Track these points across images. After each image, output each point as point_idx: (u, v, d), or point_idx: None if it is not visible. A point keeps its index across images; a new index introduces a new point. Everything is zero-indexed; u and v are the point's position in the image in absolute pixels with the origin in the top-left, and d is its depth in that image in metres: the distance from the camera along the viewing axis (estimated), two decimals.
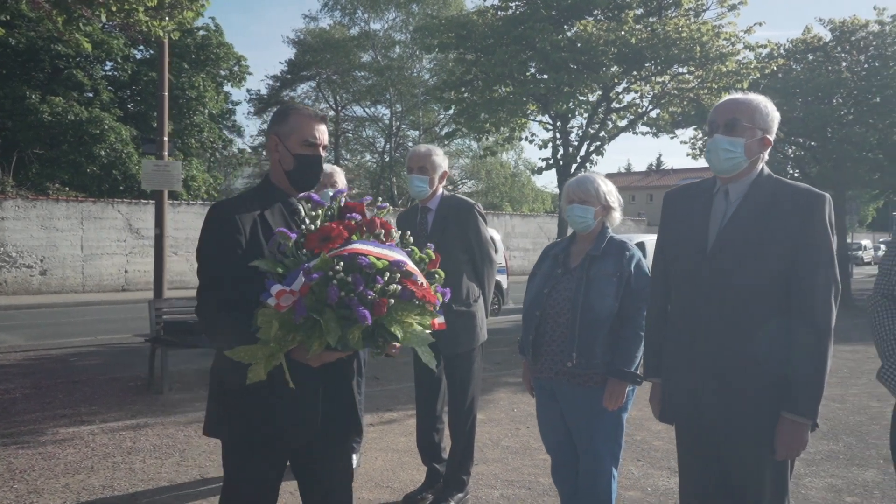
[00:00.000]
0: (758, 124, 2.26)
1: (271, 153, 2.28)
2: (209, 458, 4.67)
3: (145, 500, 3.95)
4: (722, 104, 2.35)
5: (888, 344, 1.82)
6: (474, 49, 10.70)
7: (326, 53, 35.58)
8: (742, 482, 2.31)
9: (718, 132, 2.27)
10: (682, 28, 9.23)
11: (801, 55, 15.69)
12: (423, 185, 3.82)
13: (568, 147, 10.99)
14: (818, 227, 2.16)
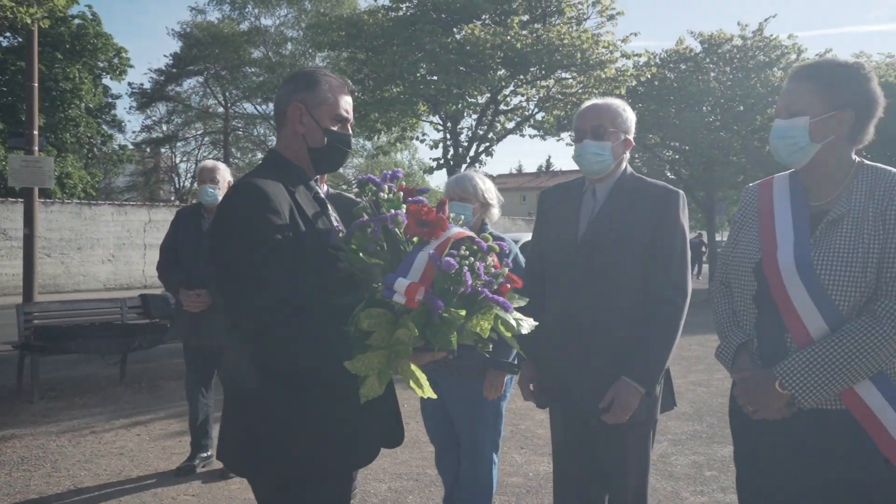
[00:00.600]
0: (620, 127, 2.43)
1: (292, 125, 1.87)
2: (83, 468, 4.47)
3: None
4: (586, 111, 2.49)
5: (722, 325, 2.03)
6: (365, 48, 10.72)
7: (215, 48, 34.32)
8: (608, 459, 2.49)
9: (587, 138, 2.42)
10: (564, 35, 9.66)
11: (674, 64, 16.75)
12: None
13: (458, 147, 11.23)
14: (673, 220, 2.39)
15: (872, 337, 1.65)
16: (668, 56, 16.87)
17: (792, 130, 1.84)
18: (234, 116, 38.27)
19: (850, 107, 1.80)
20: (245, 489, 4.08)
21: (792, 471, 1.82)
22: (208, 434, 4.50)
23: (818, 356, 1.68)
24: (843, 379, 1.68)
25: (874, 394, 1.71)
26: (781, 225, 1.85)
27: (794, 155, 1.85)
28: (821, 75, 1.83)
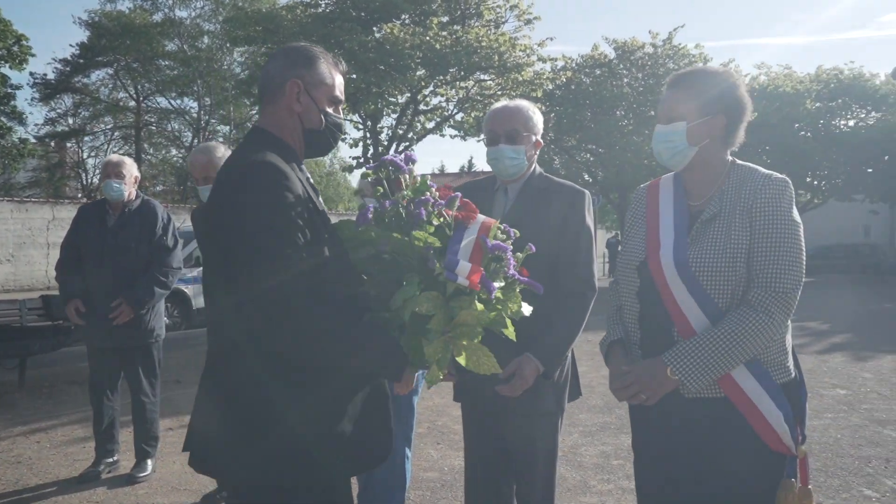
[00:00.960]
0: (532, 130, 2.51)
1: (288, 102, 1.73)
2: None
3: None
4: (499, 114, 2.53)
5: (608, 321, 2.15)
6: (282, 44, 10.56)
7: (126, 39, 32.93)
8: (517, 448, 2.57)
9: (502, 142, 2.47)
10: (482, 37, 9.83)
11: (589, 70, 17.29)
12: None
13: (378, 146, 11.22)
14: (579, 217, 2.49)
15: (749, 324, 1.77)
16: (584, 61, 17.41)
17: (671, 135, 1.94)
18: (147, 111, 36.85)
19: (722, 112, 1.92)
20: (153, 493, 3.98)
21: (680, 458, 1.93)
22: (114, 439, 4.35)
23: (702, 344, 1.79)
24: (724, 363, 1.79)
25: (750, 380, 1.83)
26: (664, 225, 1.96)
27: (674, 158, 1.96)
28: (695, 83, 1.95)
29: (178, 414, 5.74)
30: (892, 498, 3.94)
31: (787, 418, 1.84)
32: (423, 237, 1.55)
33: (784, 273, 1.80)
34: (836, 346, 9.62)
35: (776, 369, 1.88)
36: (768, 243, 1.82)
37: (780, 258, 1.81)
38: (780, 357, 1.89)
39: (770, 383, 1.85)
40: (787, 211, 1.84)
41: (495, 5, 10.95)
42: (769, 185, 1.86)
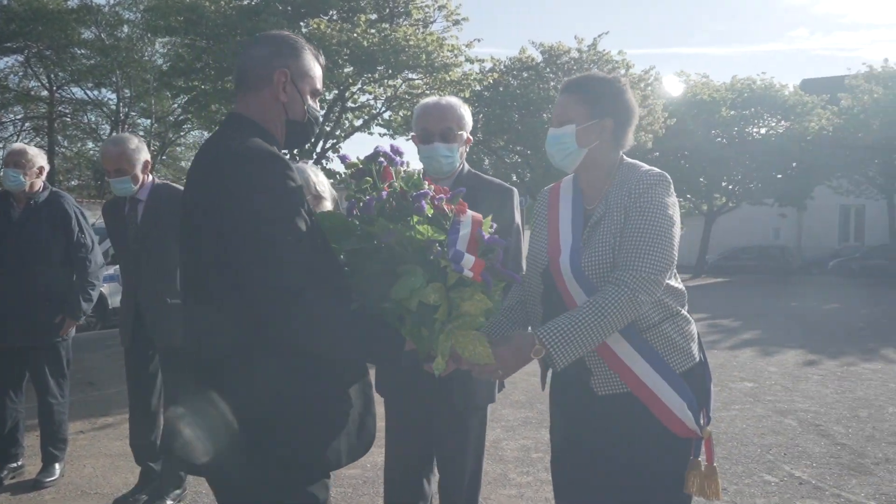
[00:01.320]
0: (464, 128, 2.54)
1: (274, 91, 1.70)
2: None
3: None
4: (432, 112, 2.53)
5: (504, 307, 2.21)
6: (206, 36, 10.27)
7: (38, 24, 31.27)
8: (449, 443, 2.57)
9: (436, 140, 2.48)
10: (410, 36, 9.85)
11: (517, 72, 17.59)
12: (127, 184, 3.65)
13: None
14: (508, 214, 2.52)
15: (610, 300, 1.81)
16: (512, 63, 17.70)
17: (563, 137, 2.02)
18: (61, 101, 35.11)
19: (610, 115, 2.01)
20: (61, 499, 3.82)
21: (593, 452, 2.01)
22: (18, 442, 4.15)
23: (571, 318, 1.81)
24: (587, 336, 1.80)
25: (651, 374, 1.91)
26: (563, 230, 2.04)
27: (566, 159, 2.04)
28: (584, 88, 2.04)
29: (90, 416, 5.53)
30: (789, 482, 4.19)
31: (690, 406, 1.92)
32: (428, 231, 1.57)
33: (646, 255, 1.85)
34: (745, 342, 10.12)
35: (678, 357, 1.95)
36: (635, 230, 1.89)
37: (643, 242, 1.86)
38: (683, 344, 1.97)
39: (670, 374, 1.93)
40: (658, 201, 1.90)
41: (423, 5, 11.00)
42: (644, 179, 1.94)
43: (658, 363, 1.93)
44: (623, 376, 1.93)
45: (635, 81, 17.91)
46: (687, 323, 2.01)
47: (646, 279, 1.83)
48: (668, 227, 1.89)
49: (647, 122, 18.08)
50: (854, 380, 7.19)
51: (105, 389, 6.54)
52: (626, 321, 1.84)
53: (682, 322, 1.99)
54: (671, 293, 1.99)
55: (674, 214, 1.93)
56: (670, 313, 1.98)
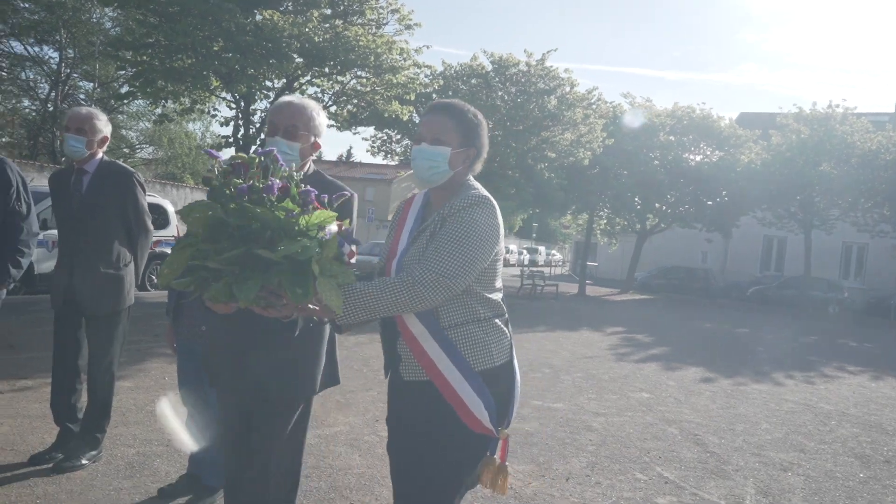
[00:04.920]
0: (312, 131, 2.57)
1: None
2: None
3: None
4: (282, 109, 2.55)
5: None
6: (158, 13, 10.29)
7: None
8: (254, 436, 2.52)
9: (279, 135, 2.50)
10: (360, 36, 10.10)
11: (467, 78, 18.00)
12: (80, 146, 3.84)
13: (249, 127, 11.20)
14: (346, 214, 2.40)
15: (393, 283, 1.97)
16: (462, 69, 18.09)
17: (436, 156, 2.18)
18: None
19: (475, 146, 2.24)
20: None
21: (399, 431, 2.22)
22: None
23: (360, 285, 1.95)
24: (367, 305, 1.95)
25: (451, 369, 2.08)
26: (403, 237, 2.24)
27: (434, 176, 2.20)
28: (460, 118, 2.24)
29: (9, 378, 5.64)
30: (656, 480, 4.70)
31: (487, 405, 2.07)
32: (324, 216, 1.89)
33: (441, 258, 1.99)
34: (652, 357, 10.79)
35: (477, 356, 2.10)
36: (441, 236, 2.05)
37: (443, 247, 2.01)
38: (484, 346, 2.11)
39: (468, 371, 2.08)
40: (471, 217, 2.06)
41: (378, 6, 11.25)
42: (467, 197, 2.10)
43: (457, 358, 2.08)
44: (424, 365, 2.10)
45: (578, 100, 18.53)
46: (495, 330, 2.16)
47: (432, 278, 1.97)
48: (470, 240, 2.02)
49: (587, 139, 18.77)
50: (740, 398, 7.86)
51: (25, 353, 6.61)
52: (403, 307, 1.98)
53: (489, 328, 2.14)
54: (483, 302, 2.15)
55: (483, 232, 2.06)
56: (477, 318, 2.13)
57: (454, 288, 2.01)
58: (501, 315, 2.21)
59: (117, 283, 3.97)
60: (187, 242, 1.87)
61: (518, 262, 47.03)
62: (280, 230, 1.84)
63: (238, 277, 1.81)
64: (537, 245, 53.95)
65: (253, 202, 1.86)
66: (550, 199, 21.45)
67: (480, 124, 2.27)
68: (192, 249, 1.85)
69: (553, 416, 6.22)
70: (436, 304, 2.03)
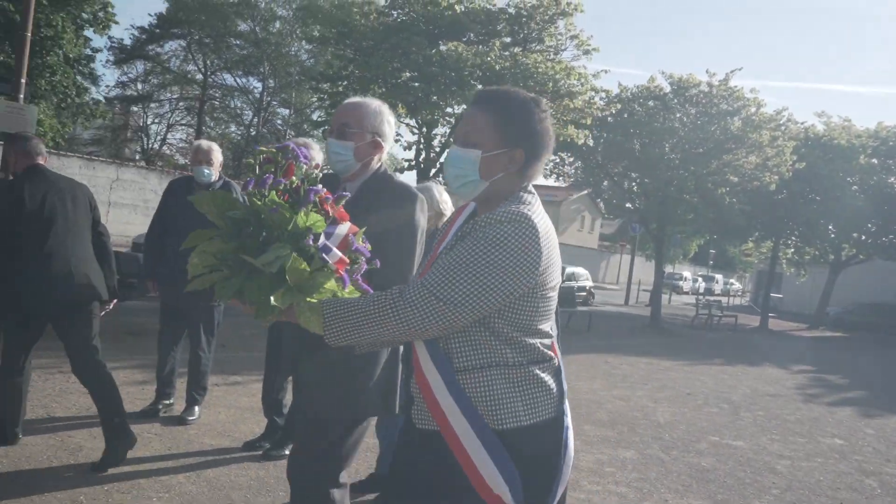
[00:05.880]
0: (367, 128, 2.38)
1: None
2: (55, 401, 4.93)
3: None
4: (340, 108, 2.46)
5: None
6: (354, 47, 11.23)
7: (202, 14, 34.22)
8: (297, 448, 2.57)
9: (332, 136, 2.38)
10: (539, 63, 10.32)
11: (644, 100, 17.62)
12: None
13: (430, 151, 11.81)
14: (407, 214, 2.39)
15: (379, 297, 1.67)
16: (639, 91, 17.74)
17: (463, 161, 1.77)
18: (213, 86, 38.19)
19: (522, 145, 1.75)
20: (201, 435, 4.59)
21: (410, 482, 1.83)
22: (172, 384, 4.99)
23: (344, 301, 1.68)
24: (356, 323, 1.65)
25: (461, 422, 1.69)
26: (441, 250, 1.85)
27: (463, 188, 1.80)
28: (501, 109, 1.77)
29: (224, 373, 6.39)
30: None
31: (506, 475, 1.66)
32: (311, 220, 1.70)
33: (445, 278, 1.63)
34: (846, 401, 9.86)
35: (494, 411, 1.69)
36: (452, 255, 1.67)
37: (451, 266, 1.64)
38: (506, 400, 1.70)
39: (482, 427, 1.67)
40: (495, 234, 1.64)
41: (556, 33, 11.44)
42: (498, 212, 1.68)
43: (469, 411, 1.68)
44: (434, 413, 1.72)
45: (765, 121, 17.45)
46: (528, 381, 1.72)
47: (420, 298, 1.62)
48: (487, 264, 1.62)
49: (774, 162, 17.59)
50: None
51: (236, 353, 7.45)
52: (389, 328, 1.64)
53: (518, 378, 1.71)
54: (514, 345, 1.72)
55: (508, 256, 1.63)
56: (501, 363, 1.71)
57: (452, 317, 1.62)
58: (543, 362, 1.76)
59: None
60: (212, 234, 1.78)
61: (692, 290, 44.71)
62: (273, 230, 1.69)
63: (223, 276, 1.72)
64: (714, 273, 51.01)
65: (250, 196, 1.75)
66: (731, 225, 20.28)
67: (532, 116, 1.77)
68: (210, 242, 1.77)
69: (732, 454, 5.93)
70: (428, 331, 1.64)
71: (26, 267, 3.74)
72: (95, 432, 4.23)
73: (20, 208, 3.74)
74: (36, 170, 3.94)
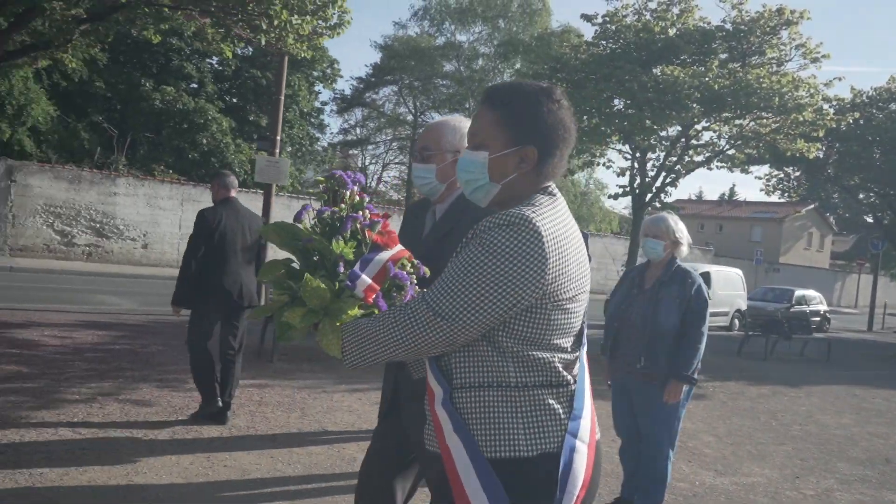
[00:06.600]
0: (446, 147, 2.26)
1: None
2: (326, 416, 5.65)
3: (281, 441, 4.91)
4: (422, 132, 2.38)
5: None
6: (565, 80, 11.52)
7: (411, 60, 36.81)
8: None
9: (416, 161, 2.30)
10: (763, 78, 9.83)
11: (883, 104, 15.85)
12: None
13: (644, 177, 11.69)
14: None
15: (392, 314, 1.58)
16: (877, 94, 16.00)
17: (472, 165, 1.66)
18: (422, 125, 40.72)
19: (533, 142, 1.62)
20: None
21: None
22: None
23: (366, 321, 1.62)
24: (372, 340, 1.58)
25: (457, 446, 1.56)
26: None
27: (475, 192, 1.69)
28: (506, 105, 1.64)
29: None
30: None
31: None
32: (340, 247, 1.68)
33: (442, 292, 1.53)
34: None
35: (488, 437, 1.54)
36: (451, 264, 1.57)
37: (448, 277, 1.54)
38: (504, 426, 1.54)
39: (476, 454, 1.52)
40: (491, 241, 1.51)
41: (780, 43, 10.81)
42: (498, 215, 1.55)
43: (463, 434, 1.55)
44: (437, 435, 1.61)
45: None
46: (532, 405, 1.55)
47: (424, 313, 1.53)
48: (480, 273, 1.50)
49: None
50: None
51: None
52: (400, 344, 1.56)
53: (519, 401, 1.55)
54: (522, 363, 1.56)
55: (504, 265, 1.49)
56: (502, 384, 1.55)
57: (450, 332, 1.51)
58: (555, 386, 1.58)
59: None
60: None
61: None
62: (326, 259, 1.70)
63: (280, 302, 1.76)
64: None
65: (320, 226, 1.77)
66: None
67: (539, 108, 1.62)
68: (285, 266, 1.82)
69: None
70: (432, 347, 1.54)
71: (211, 275, 5.05)
72: (363, 445, 4.80)
73: (215, 229, 5.05)
74: (228, 201, 5.25)
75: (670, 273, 3.87)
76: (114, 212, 18.48)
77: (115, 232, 18.60)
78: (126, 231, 18.75)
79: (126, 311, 10.71)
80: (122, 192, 18.59)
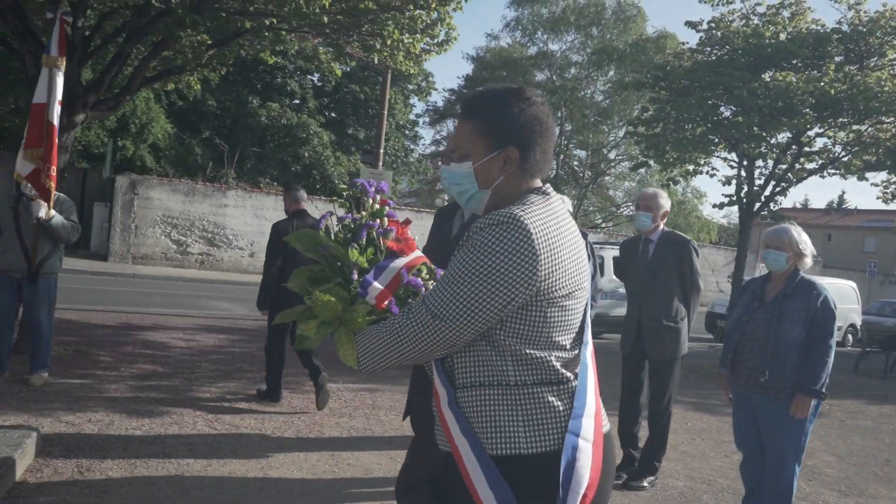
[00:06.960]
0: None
1: None
2: (372, 415, 5.83)
3: (397, 443, 5.11)
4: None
5: None
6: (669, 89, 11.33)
7: (503, 70, 36.94)
8: None
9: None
10: (884, 81, 9.33)
11: None
12: (647, 220, 4.67)
13: (752, 185, 11.31)
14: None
15: (398, 318, 1.63)
16: None
17: (458, 177, 1.72)
18: None
19: (513, 142, 1.66)
20: None
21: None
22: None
23: (376, 327, 1.66)
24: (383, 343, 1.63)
25: (463, 443, 1.60)
26: None
27: (469, 202, 1.75)
28: (481, 112, 1.69)
29: None
30: None
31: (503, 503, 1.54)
32: (355, 255, 1.73)
33: (438, 294, 1.58)
34: None
35: (489, 434, 1.58)
36: (448, 267, 1.63)
37: (444, 279, 1.60)
38: (503, 423, 1.58)
39: (480, 451, 1.57)
40: (482, 241, 1.55)
41: None
42: (488, 215, 1.59)
43: (469, 433, 1.59)
44: (446, 434, 1.65)
45: None
46: (532, 403, 1.59)
47: (423, 315, 1.58)
48: (472, 273, 1.54)
49: None
50: None
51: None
52: (406, 347, 1.61)
53: (519, 399, 1.59)
54: (521, 361, 1.60)
55: (495, 263, 1.53)
56: (501, 382, 1.59)
57: (448, 333, 1.56)
58: (555, 384, 1.60)
59: (676, 334, 4.64)
60: None
61: None
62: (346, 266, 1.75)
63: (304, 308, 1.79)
64: None
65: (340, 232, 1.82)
66: None
67: (509, 109, 1.66)
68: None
69: None
70: (433, 350, 1.60)
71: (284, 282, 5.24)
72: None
73: None
74: (300, 212, 5.66)
75: (794, 285, 3.80)
76: (224, 222, 19.55)
77: (225, 241, 19.66)
78: (235, 240, 19.79)
79: (240, 317, 11.35)
80: (232, 203, 19.65)
